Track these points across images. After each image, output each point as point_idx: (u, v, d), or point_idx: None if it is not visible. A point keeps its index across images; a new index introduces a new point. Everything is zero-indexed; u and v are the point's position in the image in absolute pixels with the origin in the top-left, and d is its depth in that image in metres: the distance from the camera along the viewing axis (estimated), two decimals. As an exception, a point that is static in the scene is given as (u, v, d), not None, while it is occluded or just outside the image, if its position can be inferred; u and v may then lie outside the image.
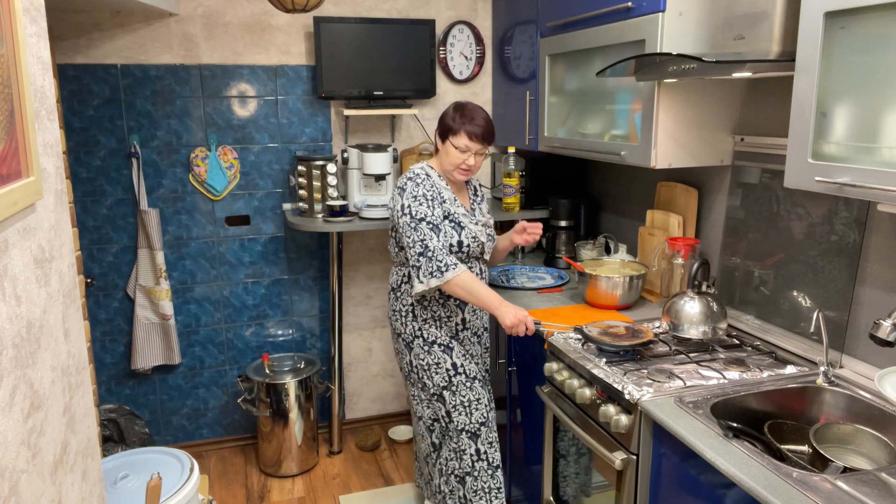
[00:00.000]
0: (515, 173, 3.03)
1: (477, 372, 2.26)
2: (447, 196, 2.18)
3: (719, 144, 2.16)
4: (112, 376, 3.20)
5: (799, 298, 1.94)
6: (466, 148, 2.13)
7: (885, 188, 1.30)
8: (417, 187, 2.13)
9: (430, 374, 2.22)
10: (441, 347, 2.21)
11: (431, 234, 2.07)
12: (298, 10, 2.52)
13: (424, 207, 2.10)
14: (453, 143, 2.14)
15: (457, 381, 2.21)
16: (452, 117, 2.15)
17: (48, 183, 1.13)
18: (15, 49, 0.96)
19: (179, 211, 3.12)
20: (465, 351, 2.26)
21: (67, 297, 1.20)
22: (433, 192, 2.14)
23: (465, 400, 2.21)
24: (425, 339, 2.22)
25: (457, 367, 2.22)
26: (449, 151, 2.16)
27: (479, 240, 2.22)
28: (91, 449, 1.29)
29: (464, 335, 2.27)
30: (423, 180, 2.16)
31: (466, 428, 2.24)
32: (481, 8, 3.32)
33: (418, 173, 2.18)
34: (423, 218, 2.09)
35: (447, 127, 2.16)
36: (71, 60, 2.87)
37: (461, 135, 2.13)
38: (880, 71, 1.32)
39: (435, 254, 2.05)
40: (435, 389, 2.23)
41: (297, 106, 3.18)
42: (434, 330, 2.22)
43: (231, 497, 3.00)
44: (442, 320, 2.23)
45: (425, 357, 2.22)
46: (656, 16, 1.94)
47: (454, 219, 2.17)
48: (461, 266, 2.07)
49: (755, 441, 1.49)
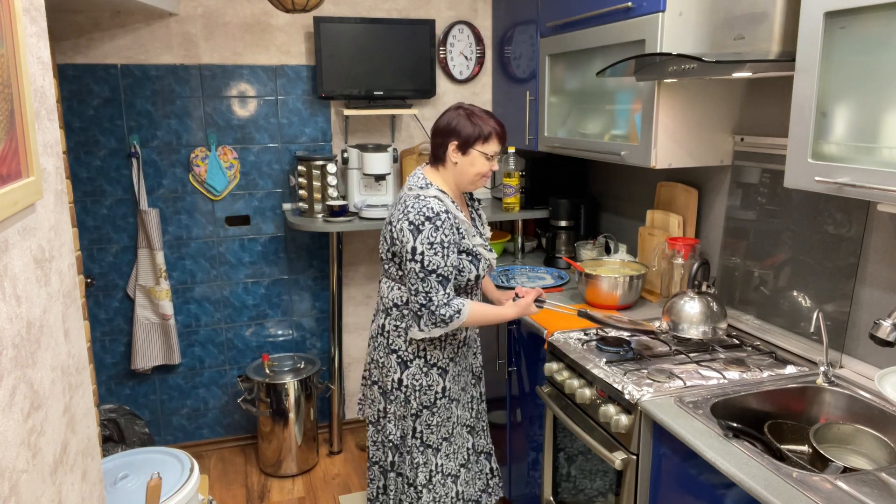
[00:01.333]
0: (515, 173, 3.03)
1: (459, 393, 2.17)
2: (464, 228, 2.01)
3: (719, 144, 2.16)
4: (112, 376, 3.20)
5: (799, 298, 1.94)
6: (495, 153, 2.00)
7: (885, 188, 1.30)
8: (436, 232, 1.91)
9: (419, 394, 2.09)
10: (438, 371, 2.10)
11: (437, 288, 1.92)
12: (298, 10, 2.52)
13: (439, 258, 1.91)
14: (483, 150, 1.97)
15: (440, 403, 2.11)
16: (472, 124, 1.97)
17: (48, 183, 1.13)
18: (15, 49, 0.96)
19: (179, 211, 3.12)
20: (459, 370, 2.16)
21: (67, 297, 1.20)
22: (452, 234, 1.94)
23: (440, 420, 2.12)
24: (426, 361, 2.08)
25: (446, 390, 2.11)
26: (476, 162, 1.98)
27: (491, 266, 2.12)
28: (91, 449, 1.29)
29: (461, 351, 2.16)
30: (444, 221, 1.93)
31: (432, 444, 2.13)
32: (481, 8, 3.32)
33: (437, 211, 1.93)
34: (435, 270, 1.91)
35: (472, 135, 1.96)
36: (71, 60, 2.87)
37: (493, 140, 1.98)
38: (880, 71, 1.32)
39: (438, 307, 1.93)
40: (416, 408, 2.11)
41: (297, 106, 3.18)
42: (437, 352, 2.09)
43: (231, 497, 3.00)
44: (448, 339, 2.10)
45: (421, 378, 2.08)
46: (656, 16, 1.94)
47: (472, 252, 2.03)
48: (465, 308, 1.95)
49: (755, 441, 1.49)
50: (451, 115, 2.01)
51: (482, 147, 1.97)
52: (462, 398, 2.19)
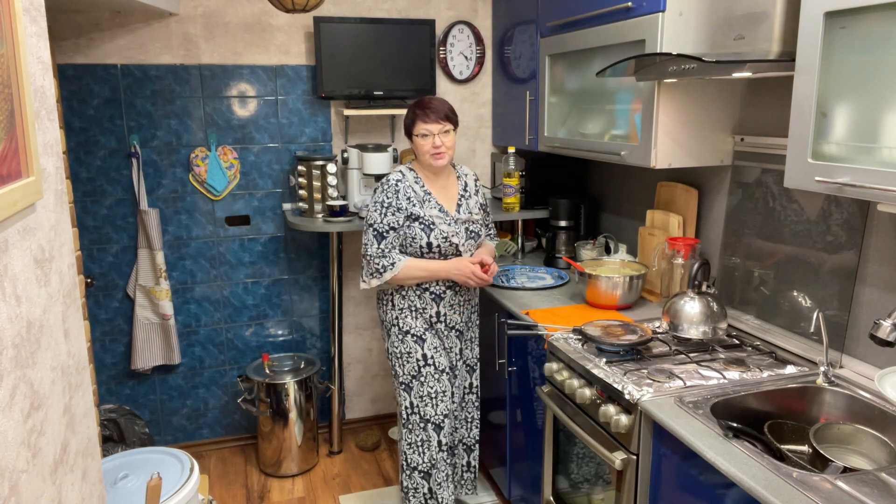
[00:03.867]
0: (515, 173, 3.03)
1: (447, 365, 2.35)
2: (418, 198, 2.26)
3: (719, 144, 2.16)
4: (112, 376, 3.20)
5: (799, 298, 1.94)
6: (427, 132, 2.22)
7: (885, 188, 1.30)
8: (379, 193, 2.26)
9: (402, 362, 2.33)
10: (414, 338, 2.31)
11: (373, 241, 2.23)
12: (298, 10, 2.52)
13: (376, 214, 2.24)
14: (415, 133, 2.25)
15: (425, 371, 2.30)
16: (408, 114, 2.28)
17: (48, 183, 1.13)
18: (15, 49, 0.96)
19: (179, 211, 3.12)
20: (440, 343, 2.35)
21: (67, 297, 1.20)
22: (393, 198, 2.24)
23: (431, 391, 2.30)
24: (400, 328, 2.32)
25: (426, 357, 2.31)
26: (417, 144, 2.26)
27: (450, 240, 2.27)
28: (91, 449, 1.29)
29: (438, 327, 2.35)
30: (389, 186, 2.26)
31: (431, 419, 2.33)
32: (481, 8, 3.32)
33: (389, 178, 2.28)
34: (372, 224, 2.24)
35: (407, 124, 2.28)
36: (71, 60, 2.87)
37: (417, 123, 2.24)
38: (880, 71, 1.32)
39: (372, 258, 2.23)
40: (404, 378, 2.33)
41: (297, 106, 3.18)
42: (410, 320, 2.32)
43: (231, 497, 3.00)
44: (418, 311, 2.32)
45: (399, 345, 2.33)
46: (656, 16, 1.94)
47: (424, 220, 2.25)
48: (400, 262, 2.22)
49: (755, 441, 1.49)
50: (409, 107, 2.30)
51: (415, 130, 2.25)
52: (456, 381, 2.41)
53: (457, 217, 2.32)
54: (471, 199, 2.39)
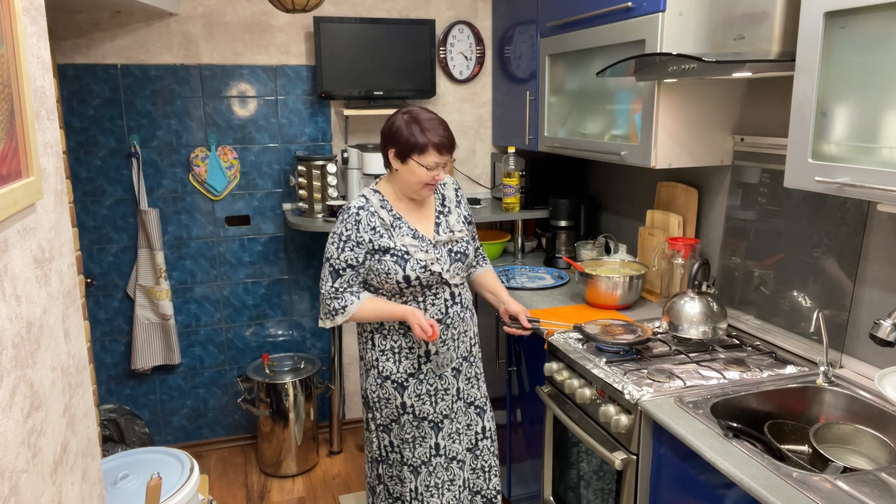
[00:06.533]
0: (515, 173, 3.03)
1: (430, 412, 2.05)
2: (385, 226, 1.93)
3: (719, 144, 2.16)
4: (112, 376, 3.20)
5: (799, 298, 1.94)
6: (436, 165, 1.88)
7: (885, 188, 1.30)
8: (339, 224, 1.94)
9: (380, 406, 2.05)
10: (394, 385, 2.02)
11: (328, 278, 1.95)
12: (298, 10, 2.52)
13: (333, 247, 1.93)
14: (420, 161, 1.86)
15: (404, 419, 2.04)
16: (410, 133, 1.85)
17: (48, 183, 1.13)
18: (15, 49, 0.96)
19: (179, 211, 3.12)
20: (423, 390, 2.03)
21: (67, 297, 1.20)
22: (353, 230, 1.91)
23: (409, 437, 2.05)
24: (380, 373, 2.02)
25: (405, 406, 2.02)
26: (414, 171, 1.88)
27: (430, 269, 1.94)
28: (91, 449, 1.29)
29: (427, 368, 2.03)
30: (350, 215, 1.92)
31: (409, 462, 2.07)
32: (481, 8, 3.32)
33: (350, 206, 1.94)
34: (328, 258, 1.95)
35: (409, 145, 1.86)
36: (71, 60, 2.87)
37: (430, 152, 1.85)
38: (880, 71, 1.32)
39: (324, 298, 1.97)
40: (382, 421, 2.08)
41: (297, 106, 3.18)
42: (391, 364, 2.01)
43: (231, 497, 3.00)
44: (403, 352, 2.01)
45: (377, 390, 2.04)
46: (656, 16, 1.94)
47: (396, 251, 1.92)
48: (353, 305, 1.94)
49: (755, 441, 1.49)
50: (395, 119, 1.91)
51: (419, 158, 1.86)
52: (445, 426, 2.08)
53: (436, 239, 1.99)
54: (451, 216, 2.05)
